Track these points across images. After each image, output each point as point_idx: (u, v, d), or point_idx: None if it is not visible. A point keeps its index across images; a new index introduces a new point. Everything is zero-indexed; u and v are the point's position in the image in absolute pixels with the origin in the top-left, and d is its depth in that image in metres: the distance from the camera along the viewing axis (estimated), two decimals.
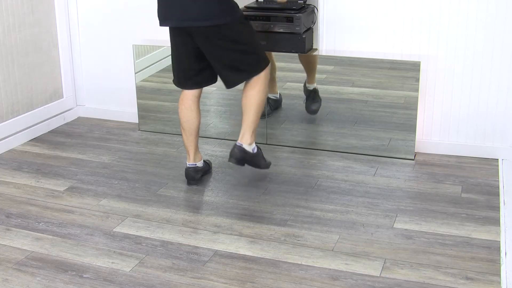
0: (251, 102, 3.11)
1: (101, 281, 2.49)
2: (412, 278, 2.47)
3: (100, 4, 4.16)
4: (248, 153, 3.17)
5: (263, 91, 3.13)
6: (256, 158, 3.23)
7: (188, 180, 3.30)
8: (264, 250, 2.69)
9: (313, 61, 3.85)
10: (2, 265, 2.60)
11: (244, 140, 3.15)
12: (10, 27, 3.79)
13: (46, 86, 4.15)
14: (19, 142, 3.92)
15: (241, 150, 3.15)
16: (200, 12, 2.92)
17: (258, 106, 3.13)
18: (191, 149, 3.25)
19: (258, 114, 3.14)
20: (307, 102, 3.91)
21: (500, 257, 2.60)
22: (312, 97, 3.88)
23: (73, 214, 3.04)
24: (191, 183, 3.30)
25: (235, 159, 3.15)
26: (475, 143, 3.58)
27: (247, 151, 3.17)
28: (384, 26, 3.58)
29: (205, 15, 2.93)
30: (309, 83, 3.89)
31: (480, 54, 3.44)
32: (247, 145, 3.16)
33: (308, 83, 3.89)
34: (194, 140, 3.24)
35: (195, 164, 3.28)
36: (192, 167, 3.28)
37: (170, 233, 2.85)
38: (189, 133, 3.22)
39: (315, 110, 3.89)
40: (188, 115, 3.20)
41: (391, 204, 3.08)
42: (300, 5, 3.61)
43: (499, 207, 3.03)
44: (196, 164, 3.28)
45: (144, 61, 4.16)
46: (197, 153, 3.28)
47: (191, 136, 3.23)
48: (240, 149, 3.15)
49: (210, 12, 2.93)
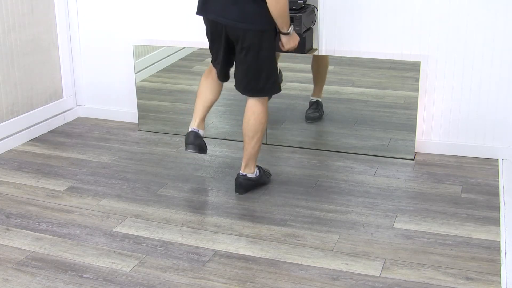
0: (254, 131, 3.10)
1: (101, 281, 2.49)
2: (412, 278, 2.47)
3: (100, 4, 4.16)
4: (253, 179, 3.21)
5: (264, 121, 3.12)
6: (261, 180, 3.26)
7: (187, 145, 3.25)
8: (264, 250, 2.69)
9: (324, 72, 3.85)
10: (2, 265, 2.60)
11: (247, 170, 3.18)
12: (10, 27, 3.79)
13: (46, 86, 4.15)
14: (19, 142, 3.92)
15: (246, 179, 3.20)
16: (238, 13, 2.92)
17: (260, 135, 3.13)
18: (198, 115, 3.24)
19: (260, 143, 3.16)
20: (307, 110, 3.92)
21: (500, 257, 2.60)
22: (314, 107, 3.90)
23: (73, 214, 3.04)
24: (188, 148, 3.25)
25: (244, 189, 3.21)
26: (475, 143, 3.58)
27: (252, 178, 3.21)
28: (384, 26, 3.58)
29: (242, 18, 2.93)
30: (314, 95, 3.90)
31: (480, 54, 3.44)
32: (251, 174, 3.19)
33: (313, 95, 3.91)
34: (204, 109, 3.25)
35: (198, 130, 3.27)
36: (194, 131, 3.26)
37: (170, 233, 2.85)
38: (204, 100, 3.23)
39: (313, 118, 3.91)
40: (210, 85, 3.23)
41: (391, 204, 3.08)
42: (300, 5, 3.61)
43: (499, 207, 3.03)
44: (199, 131, 3.27)
45: (144, 61, 4.16)
46: (202, 122, 3.27)
47: (205, 103, 3.24)
48: (245, 179, 3.19)
49: (248, 15, 2.93)
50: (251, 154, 3.14)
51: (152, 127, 4.15)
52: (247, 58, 3.02)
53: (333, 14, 3.65)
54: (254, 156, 3.16)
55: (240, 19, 2.93)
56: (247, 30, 2.95)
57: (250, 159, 3.16)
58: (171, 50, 4.14)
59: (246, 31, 2.95)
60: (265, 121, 3.13)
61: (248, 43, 2.98)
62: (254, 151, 3.14)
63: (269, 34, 3.00)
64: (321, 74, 3.87)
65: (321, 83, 3.90)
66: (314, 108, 3.91)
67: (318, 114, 3.90)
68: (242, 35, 2.96)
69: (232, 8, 2.94)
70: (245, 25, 2.94)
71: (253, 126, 3.10)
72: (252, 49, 2.99)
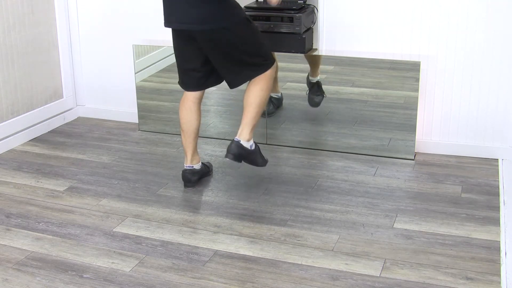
0: (253, 98, 3.08)
1: (101, 281, 2.49)
2: (412, 278, 2.47)
3: (100, 4, 4.16)
4: (246, 149, 3.10)
5: (266, 89, 3.10)
6: (253, 155, 3.15)
7: (185, 183, 3.29)
8: (264, 250, 2.69)
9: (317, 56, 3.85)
10: (2, 265, 2.60)
11: (243, 136, 3.08)
12: (10, 27, 3.79)
13: (46, 86, 4.15)
14: (19, 142, 3.92)
15: (238, 146, 3.08)
16: (200, 15, 2.91)
17: (260, 103, 3.09)
18: (189, 151, 3.24)
19: (259, 112, 3.10)
20: (309, 94, 3.90)
21: (500, 257, 2.60)
22: (315, 89, 3.88)
23: (73, 214, 3.04)
24: (187, 185, 3.28)
25: (232, 154, 3.07)
26: (475, 143, 3.58)
27: (245, 147, 3.09)
28: (384, 26, 3.58)
29: (205, 19, 2.91)
30: (312, 76, 3.89)
31: (480, 54, 3.44)
32: (245, 141, 3.09)
33: (311, 76, 3.89)
34: (192, 142, 3.23)
35: (192, 166, 3.27)
36: (189, 169, 3.27)
37: (170, 233, 2.85)
38: (188, 134, 3.21)
39: (318, 103, 3.88)
40: (188, 116, 3.19)
41: (391, 204, 3.08)
42: (300, 5, 3.61)
43: (499, 207, 3.03)
44: (193, 167, 3.28)
45: (144, 61, 4.16)
46: (195, 155, 3.27)
47: (189, 138, 3.22)
48: (237, 145, 3.07)
49: (210, 15, 2.91)
50: (247, 121, 3.07)
51: (152, 127, 4.15)
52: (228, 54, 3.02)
53: (333, 14, 3.65)
54: (250, 123, 3.08)
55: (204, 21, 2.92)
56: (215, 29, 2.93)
57: (246, 125, 3.08)
58: (171, 50, 4.10)
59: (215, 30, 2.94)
60: (266, 91, 3.09)
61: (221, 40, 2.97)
62: (250, 117, 3.07)
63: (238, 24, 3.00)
64: (315, 57, 3.85)
65: (317, 65, 3.87)
66: (316, 91, 3.86)
67: (321, 97, 3.88)
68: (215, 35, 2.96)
69: (192, 10, 2.92)
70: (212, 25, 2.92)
71: (254, 94, 3.07)
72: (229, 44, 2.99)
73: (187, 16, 2.94)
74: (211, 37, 2.97)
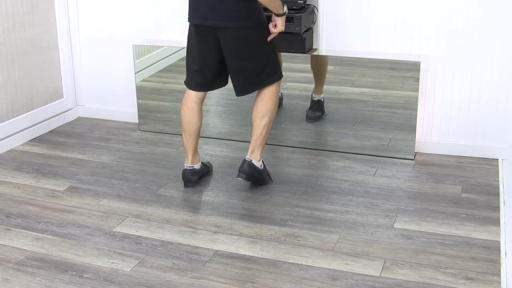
0: (263, 120, 3.12)
1: (101, 281, 2.49)
2: (412, 278, 2.47)
3: (100, 4, 4.16)
4: (257, 169, 3.19)
5: (274, 109, 3.14)
6: (263, 175, 3.24)
7: (185, 182, 3.29)
8: (264, 250, 2.69)
9: (323, 70, 3.85)
10: (2, 265, 2.60)
11: (254, 156, 3.16)
12: (10, 27, 3.79)
13: (46, 86, 4.15)
14: (19, 142, 3.92)
15: (250, 166, 3.16)
16: (228, 12, 2.93)
17: (269, 123, 3.14)
18: (189, 151, 3.25)
19: (268, 131, 3.17)
20: (308, 111, 3.92)
21: (500, 257, 2.60)
22: (315, 108, 3.90)
23: (73, 214, 3.04)
24: (187, 185, 3.29)
25: (246, 175, 3.16)
26: (475, 143, 3.58)
27: (256, 167, 3.18)
28: (384, 26, 3.58)
29: (236, 16, 2.93)
30: (316, 92, 3.90)
31: (480, 54, 3.44)
32: (256, 162, 3.17)
33: (315, 93, 3.90)
34: (193, 142, 3.24)
35: (193, 166, 3.28)
36: (190, 169, 3.28)
37: (170, 233, 2.85)
38: (189, 135, 3.22)
39: (314, 117, 3.91)
40: (190, 117, 3.19)
41: (391, 204, 3.08)
42: (300, 5, 3.61)
43: (499, 207, 3.03)
44: (194, 167, 3.28)
45: (144, 61, 4.16)
46: (195, 155, 3.28)
47: (191, 138, 3.22)
48: (250, 165, 3.16)
49: (238, 13, 2.93)
50: (258, 141, 3.13)
51: (152, 127, 4.15)
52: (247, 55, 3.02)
53: (333, 14, 3.65)
54: (261, 144, 3.15)
55: (232, 18, 2.93)
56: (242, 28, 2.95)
57: (257, 146, 3.14)
58: (171, 50, 4.14)
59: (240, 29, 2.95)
60: (274, 111, 3.14)
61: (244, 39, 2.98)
62: (262, 138, 3.13)
63: (262, 25, 3.01)
64: (321, 72, 3.87)
65: (322, 80, 3.89)
66: (315, 108, 3.91)
67: (318, 114, 3.91)
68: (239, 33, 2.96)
69: (221, 7, 2.93)
70: (240, 23, 2.94)
71: (263, 114, 3.11)
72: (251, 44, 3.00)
73: (215, 12, 2.94)
74: (235, 36, 2.97)
